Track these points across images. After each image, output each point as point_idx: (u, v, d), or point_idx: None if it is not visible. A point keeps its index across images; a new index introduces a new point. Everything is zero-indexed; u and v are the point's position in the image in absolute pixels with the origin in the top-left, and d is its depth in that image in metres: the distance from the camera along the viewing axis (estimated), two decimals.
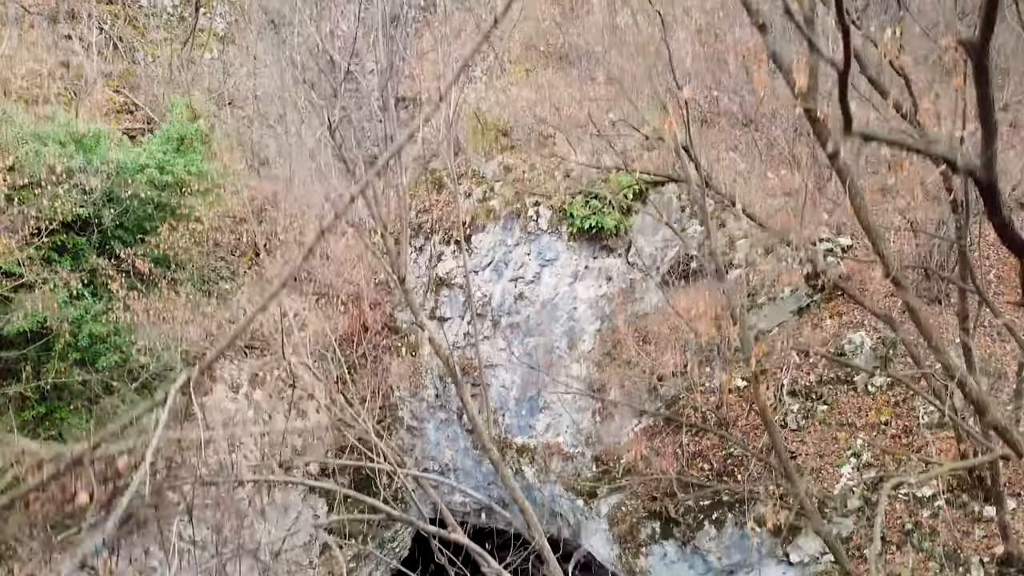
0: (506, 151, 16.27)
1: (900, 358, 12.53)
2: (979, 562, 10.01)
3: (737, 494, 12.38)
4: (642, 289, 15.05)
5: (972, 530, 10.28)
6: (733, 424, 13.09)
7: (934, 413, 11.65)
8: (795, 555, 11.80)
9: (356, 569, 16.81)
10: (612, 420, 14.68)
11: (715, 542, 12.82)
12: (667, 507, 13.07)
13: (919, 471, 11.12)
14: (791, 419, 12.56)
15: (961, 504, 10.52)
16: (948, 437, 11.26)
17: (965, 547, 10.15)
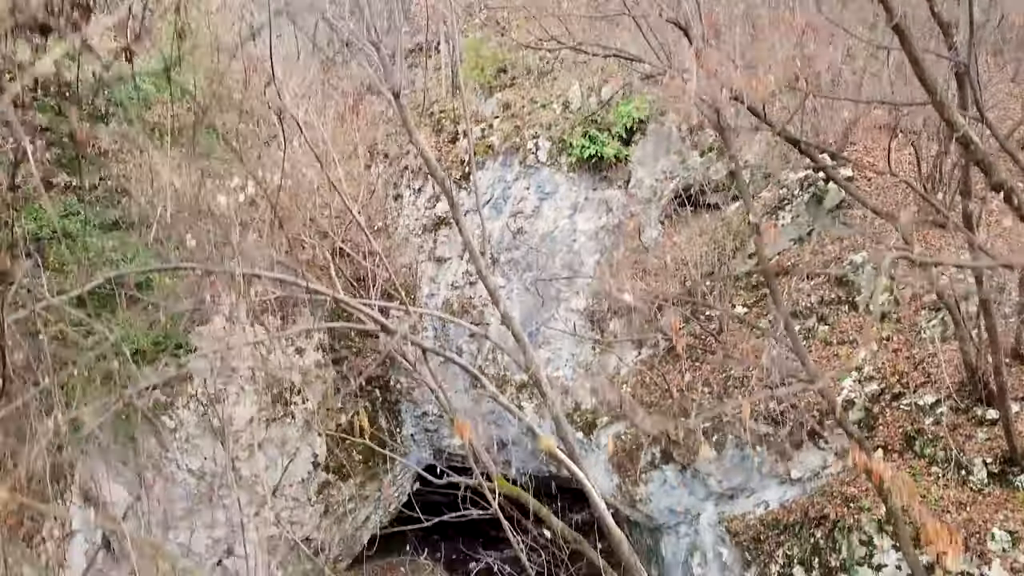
0: (505, 88, 16.18)
1: (902, 278, 12.45)
2: (982, 463, 9.92)
3: (738, 415, 12.30)
4: (642, 221, 14.97)
5: (975, 433, 10.19)
6: (734, 346, 13.01)
7: (937, 327, 11.57)
8: (796, 471, 11.73)
9: (354, 510, 16.73)
10: (611, 351, 14.60)
11: (716, 464, 12.74)
12: (667, 430, 12.98)
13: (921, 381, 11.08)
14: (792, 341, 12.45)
15: (964, 409, 10.43)
16: (951, 349, 11.18)
17: (968, 450, 10.07)
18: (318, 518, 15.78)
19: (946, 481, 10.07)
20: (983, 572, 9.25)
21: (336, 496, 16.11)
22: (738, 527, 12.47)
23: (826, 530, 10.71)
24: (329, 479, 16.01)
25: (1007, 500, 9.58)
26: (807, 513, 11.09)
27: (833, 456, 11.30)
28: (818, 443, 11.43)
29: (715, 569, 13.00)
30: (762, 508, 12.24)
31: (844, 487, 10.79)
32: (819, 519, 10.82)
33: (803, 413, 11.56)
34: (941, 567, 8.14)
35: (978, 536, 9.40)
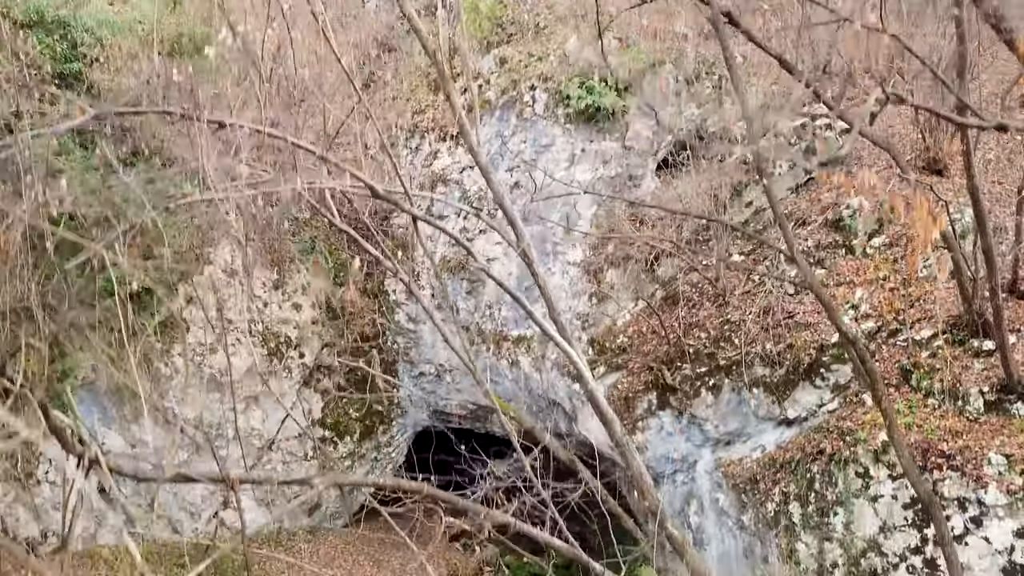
0: (503, 44, 16.16)
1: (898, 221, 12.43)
2: (978, 392, 9.91)
3: (735, 358, 12.29)
4: (639, 174, 14.96)
5: (971, 364, 10.18)
6: (731, 293, 12.99)
7: (933, 266, 11.55)
8: (792, 410, 11.71)
9: (351, 467, 16.71)
10: (609, 302, 14.58)
11: (712, 409, 12.72)
12: (664, 375, 12.97)
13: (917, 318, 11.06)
14: (788, 284, 12.45)
15: (960, 341, 10.42)
16: (947, 288, 11.17)
17: (964, 380, 10.05)
18: (315, 473, 15.73)
19: (943, 412, 10.05)
20: (979, 497, 9.24)
21: (333, 453, 16.09)
22: (735, 471, 12.45)
23: (822, 464, 10.68)
24: (326, 435, 15.99)
25: (1003, 427, 9.57)
26: (803, 449, 11.07)
27: (830, 393, 11.28)
28: (815, 381, 11.40)
29: (712, 516, 12.98)
30: (759, 452, 12.21)
31: (841, 422, 10.76)
32: (815, 454, 10.80)
33: (800, 352, 11.55)
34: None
35: (974, 462, 9.39)
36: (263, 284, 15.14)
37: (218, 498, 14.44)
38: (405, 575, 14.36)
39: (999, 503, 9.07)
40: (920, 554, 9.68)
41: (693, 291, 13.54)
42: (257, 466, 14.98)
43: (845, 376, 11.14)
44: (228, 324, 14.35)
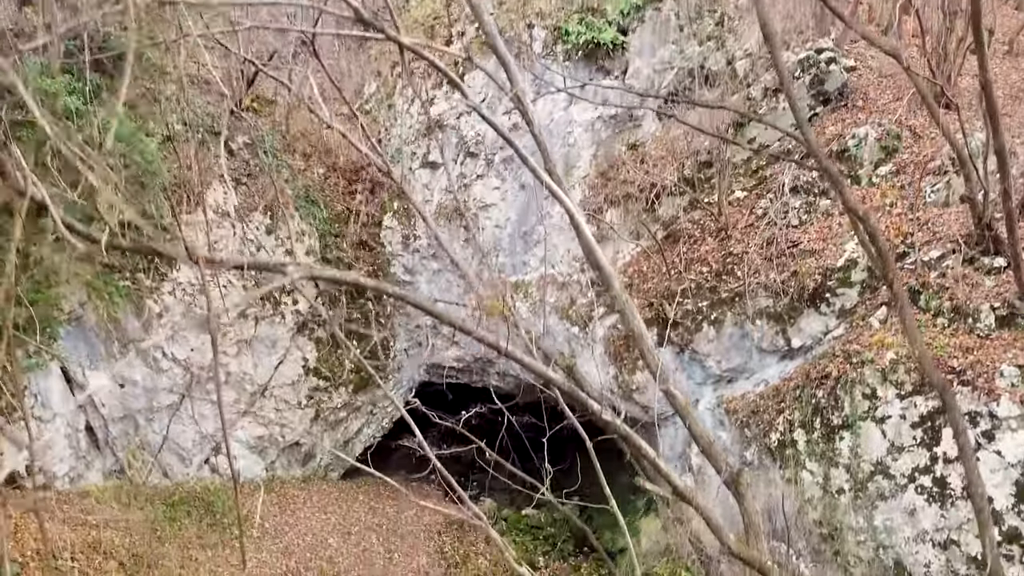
0: None
1: (905, 150, 12.15)
2: (989, 308, 9.61)
3: (737, 289, 11.98)
4: (640, 114, 14.65)
5: (982, 282, 9.87)
6: (733, 227, 12.68)
7: (941, 191, 11.26)
8: (797, 339, 11.41)
9: (346, 419, 16.40)
10: (609, 243, 14.27)
11: (714, 344, 12.42)
12: (665, 310, 12.67)
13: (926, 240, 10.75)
14: (792, 215, 12.15)
15: (970, 260, 10.11)
16: (957, 211, 10.88)
17: (974, 298, 9.75)
18: (308, 422, 15.44)
19: (952, 330, 9.75)
20: (991, 410, 8.95)
21: (327, 403, 15.77)
22: (737, 406, 12.16)
23: (828, 389, 10.39)
24: (320, 384, 15.66)
25: (1016, 340, 9.27)
26: (808, 375, 10.78)
27: (836, 319, 10.98)
28: (819, 307, 11.10)
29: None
30: (762, 387, 11.93)
31: (847, 346, 10.46)
32: (820, 379, 10.51)
33: (805, 278, 11.25)
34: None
35: (986, 376, 9.09)
36: (256, 227, 14.82)
37: (210, 443, 14.14)
38: (400, 523, 14.06)
39: (1012, 415, 8.77)
40: (929, 473, 9.39)
41: (695, 227, 13.24)
42: (249, 412, 14.69)
43: (851, 300, 10.85)
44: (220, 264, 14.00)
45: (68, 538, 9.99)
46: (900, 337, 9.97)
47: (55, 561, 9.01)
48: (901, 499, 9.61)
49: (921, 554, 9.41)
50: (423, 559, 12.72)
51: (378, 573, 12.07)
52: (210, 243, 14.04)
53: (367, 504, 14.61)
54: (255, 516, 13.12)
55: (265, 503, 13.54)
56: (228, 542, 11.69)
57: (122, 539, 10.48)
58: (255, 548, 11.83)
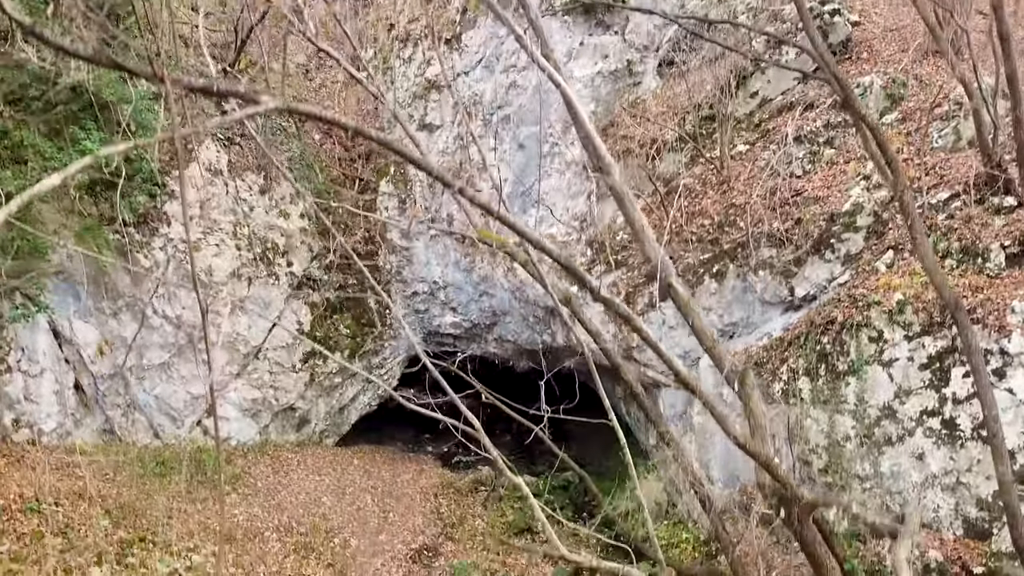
0: None
1: (911, 97, 11.89)
2: (999, 247, 9.35)
3: (740, 240, 11.73)
4: (640, 70, 14.39)
5: (991, 221, 9.62)
6: (736, 178, 12.42)
7: (949, 136, 11.00)
8: (801, 289, 11.15)
9: (340, 385, 16.13)
10: (607, 201, 14.01)
11: (716, 298, 12.17)
12: None
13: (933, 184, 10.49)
14: (796, 165, 11.89)
15: (979, 200, 9.85)
16: (965, 156, 10.62)
17: (983, 237, 9.49)
18: (303, 386, 15.18)
19: (961, 270, 9.50)
20: (1003, 347, 8.69)
21: (322, 368, 15.51)
22: (739, 359, 11.89)
23: (833, 334, 10.12)
24: (315, 349, 15.40)
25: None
26: (813, 322, 10.52)
27: (841, 266, 10.71)
28: (824, 255, 10.84)
29: None
30: (765, 340, 11.66)
31: (853, 290, 10.20)
32: (826, 324, 10.24)
33: (809, 225, 10.99)
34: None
35: (996, 313, 8.83)
36: (248, 188, 14.56)
37: (201, 405, 13.88)
38: (396, 486, 13.80)
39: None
40: (937, 415, 9.13)
41: (696, 182, 12.99)
42: (243, 374, 14.43)
43: (857, 245, 10.59)
44: (212, 224, 13.76)
45: (53, 485, 9.73)
46: (908, 279, 9.72)
47: (38, 504, 8.74)
48: (908, 443, 9.35)
49: (929, 498, 9.15)
50: (419, 519, 12.45)
51: (372, 531, 11.80)
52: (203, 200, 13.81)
53: (362, 468, 14.36)
54: (248, 476, 12.87)
55: (258, 464, 13.29)
56: (218, 498, 11.42)
57: (109, 490, 10.22)
58: (246, 504, 11.57)
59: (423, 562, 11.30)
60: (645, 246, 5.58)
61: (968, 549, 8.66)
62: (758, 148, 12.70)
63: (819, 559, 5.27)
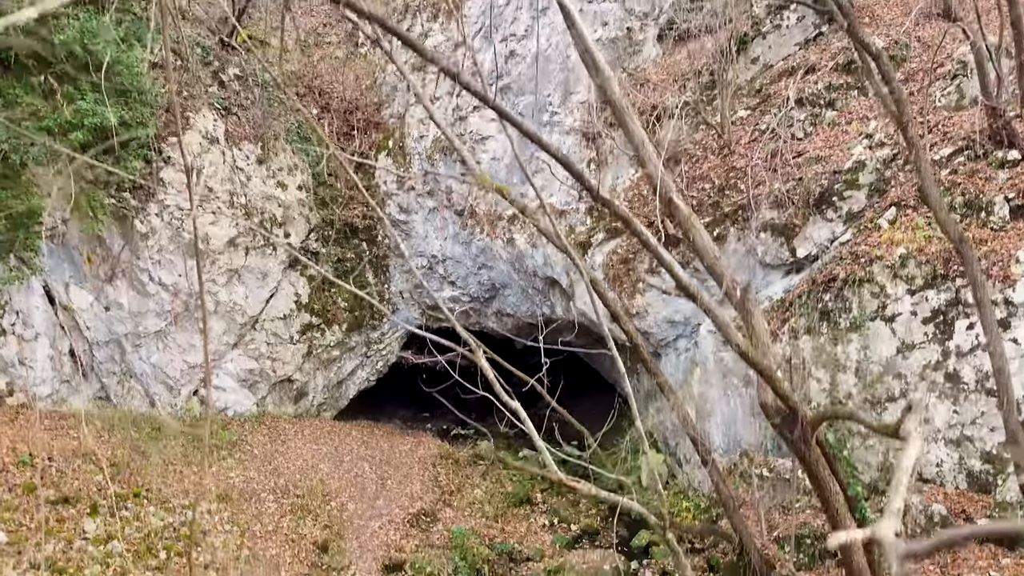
0: None
1: (913, 59, 11.78)
2: (1003, 200, 9.24)
3: (741, 202, 11.62)
4: (640, 39, 14.28)
5: (995, 175, 9.51)
6: (737, 142, 12.32)
7: (952, 94, 10.89)
8: (803, 249, 11.04)
9: (338, 358, 16.03)
10: (607, 168, 13.91)
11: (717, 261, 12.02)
12: (666, 226, 12.29)
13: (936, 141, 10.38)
14: (797, 128, 11.79)
15: (983, 155, 9.75)
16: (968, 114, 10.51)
17: (987, 191, 9.39)
18: (300, 358, 15.07)
19: (965, 224, 9.37)
20: (1007, 296, 8.59)
21: (320, 340, 15.40)
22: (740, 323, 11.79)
23: (835, 291, 10.02)
24: (313, 321, 15.30)
25: None
26: (814, 281, 10.41)
27: (843, 225, 10.61)
28: (825, 213, 10.74)
29: (716, 378, 12.32)
30: (766, 303, 11.54)
31: (855, 247, 10.10)
32: (828, 282, 10.14)
33: (811, 184, 10.88)
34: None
35: (1001, 264, 8.73)
36: (246, 157, 14.45)
37: (198, 374, 13.77)
38: (395, 455, 13.69)
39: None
40: (941, 369, 9.03)
41: (696, 147, 12.88)
42: (240, 344, 14.32)
43: (859, 203, 10.48)
44: (208, 192, 13.65)
45: (47, 443, 9.62)
46: (911, 233, 9.62)
47: (31, 459, 8.63)
48: (911, 399, 9.22)
49: (933, 453, 9.05)
50: (417, 486, 12.34)
51: (370, 496, 11.69)
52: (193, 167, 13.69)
53: (360, 439, 14.25)
54: (245, 443, 12.76)
55: (255, 433, 13.18)
56: (213, 462, 11.32)
57: (104, 449, 10.10)
58: (242, 468, 11.46)
59: (420, 526, 11.19)
60: (645, 163, 5.47)
61: (971, 502, 8.56)
62: (759, 113, 12.59)
63: (823, 482, 5.17)
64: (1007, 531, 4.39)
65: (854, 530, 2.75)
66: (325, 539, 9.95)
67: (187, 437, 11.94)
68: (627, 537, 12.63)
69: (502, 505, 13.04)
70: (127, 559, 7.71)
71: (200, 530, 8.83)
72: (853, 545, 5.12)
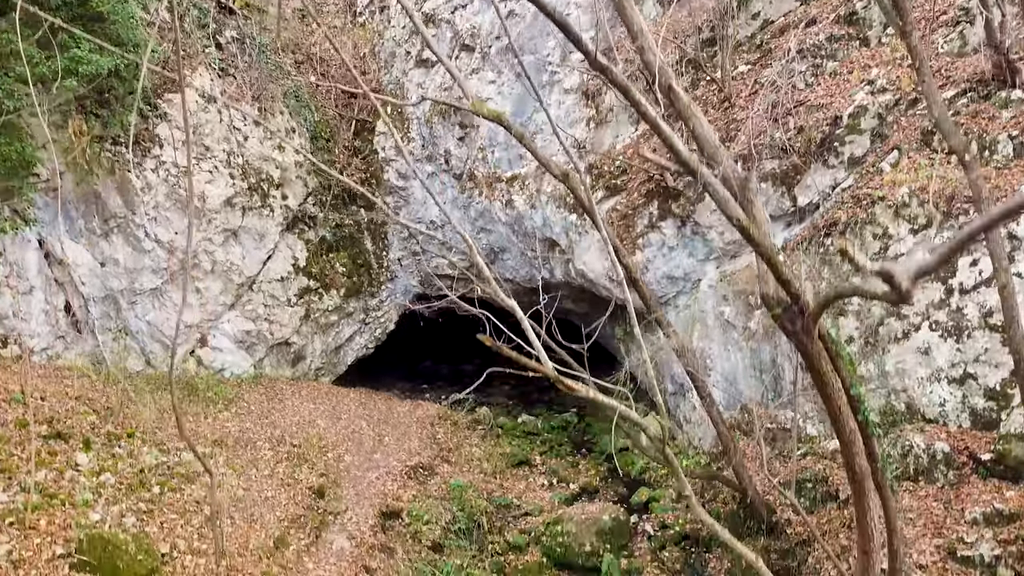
0: None
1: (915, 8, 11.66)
2: (1007, 138, 9.15)
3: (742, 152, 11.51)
4: None
5: (998, 115, 9.42)
6: (737, 95, 12.22)
7: (955, 41, 10.78)
8: (803, 197, 10.95)
9: (336, 324, 15.93)
10: (607, 127, 13.81)
11: (716, 215, 11.92)
12: (666, 179, 12.21)
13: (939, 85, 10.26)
14: (798, 79, 11.68)
15: (986, 96, 9.65)
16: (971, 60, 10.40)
17: (991, 131, 9.29)
18: (298, 321, 14.97)
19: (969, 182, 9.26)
20: (1011, 230, 8.49)
21: (317, 304, 15.30)
22: (741, 276, 11.73)
23: (837, 235, 9.93)
24: (310, 285, 15.20)
25: None
26: (816, 227, 10.32)
27: (844, 171, 10.50)
28: (827, 160, 10.64)
29: (717, 334, 12.23)
30: None
31: (857, 191, 10.00)
32: (829, 226, 10.05)
33: (812, 131, 10.78)
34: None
35: (1004, 199, 8.61)
36: (243, 118, 14.33)
37: (195, 333, 13.68)
38: (393, 415, 13.60)
39: None
40: (944, 307, 8.93)
41: (697, 103, 12.76)
42: (237, 304, 14.22)
43: (862, 148, 10.38)
44: (205, 150, 13.54)
45: (42, 388, 9.53)
46: (913, 173, 9.51)
47: (23, 396, 8.53)
48: (914, 339, 9.15)
49: (935, 393, 8.95)
50: (415, 443, 12.24)
51: (367, 450, 11.59)
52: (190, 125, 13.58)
53: (358, 401, 14.16)
54: (241, 400, 12.66)
55: (252, 392, 13.08)
56: (210, 413, 11.23)
57: (98, 396, 10.01)
58: (239, 420, 11.37)
59: (418, 479, 11.09)
60: (644, 52, 5.37)
61: (975, 439, 8.46)
62: (759, 67, 12.49)
63: (825, 377, 5.08)
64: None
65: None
66: (321, 485, 9.85)
67: (183, 390, 11.85)
68: (626, 495, 12.54)
69: (500, 464, 12.94)
70: (120, 490, 7.61)
71: (193, 471, 8.73)
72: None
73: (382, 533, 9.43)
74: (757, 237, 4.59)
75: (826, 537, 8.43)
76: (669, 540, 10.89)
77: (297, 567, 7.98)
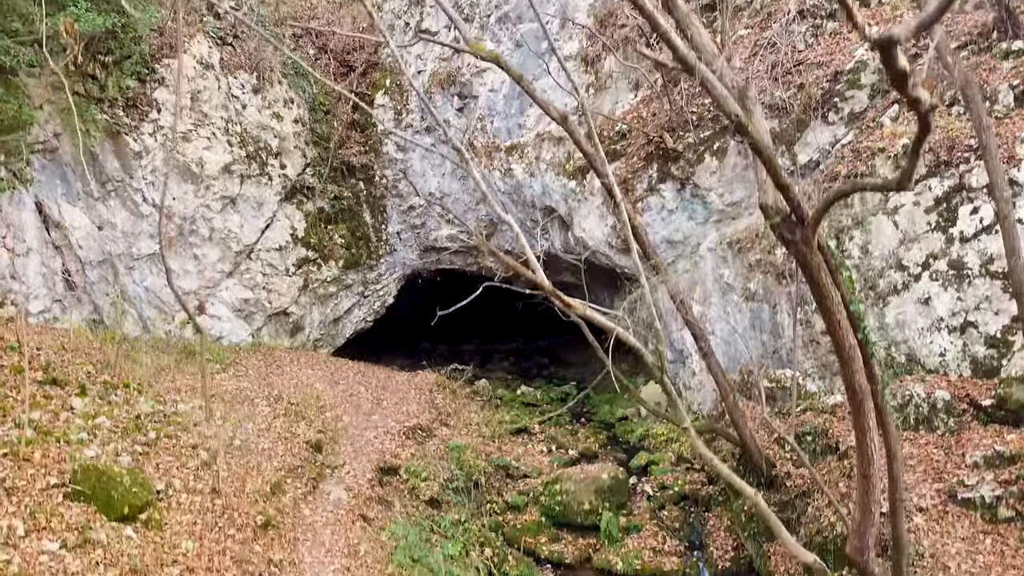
0: None
1: None
2: (1008, 88, 9.10)
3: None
4: None
5: (999, 65, 9.38)
6: (736, 57, 12.13)
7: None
8: (804, 154, 10.90)
9: (335, 295, 15.89)
10: (607, 92, 13.76)
11: (716, 176, 11.91)
12: (666, 140, 12.17)
13: None
14: (798, 39, 11.63)
15: (986, 48, 9.61)
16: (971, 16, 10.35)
17: (992, 81, 9.24)
18: (296, 291, 14.92)
19: (968, 115, 9.21)
20: (1012, 176, 8.44)
21: (316, 274, 15.26)
22: (740, 237, 11.68)
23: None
24: (309, 255, 15.15)
25: None
26: (816, 182, 10.26)
27: (844, 127, 10.46)
28: (827, 116, 10.59)
29: (716, 298, 12.18)
30: None
31: (857, 146, 9.95)
32: (829, 181, 9.98)
33: (812, 88, 10.73)
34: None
35: (1005, 147, 8.59)
36: (241, 86, 14.29)
37: (193, 301, 13.62)
38: (392, 382, 13.56)
39: None
40: (945, 256, 8.89)
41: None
42: (235, 273, 14.17)
43: (861, 103, 10.34)
44: (203, 117, 13.49)
45: (38, 340, 9.49)
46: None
47: (19, 345, 8.48)
48: (915, 289, 9.10)
49: (936, 343, 8.90)
50: (413, 407, 12.20)
51: (365, 412, 11.55)
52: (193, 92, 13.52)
53: (356, 369, 14.13)
54: (240, 365, 12.62)
55: (251, 358, 13.04)
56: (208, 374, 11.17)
57: (95, 352, 9.97)
58: (236, 381, 11.33)
59: (416, 439, 11.05)
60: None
61: (976, 387, 8.42)
62: (759, 30, 12.43)
63: (824, 289, 5.04)
64: None
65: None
66: (319, 440, 9.81)
67: (181, 353, 11.81)
68: (625, 460, 12.49)
69: (499, 430, 12.90)
70: (115, 433, 7.56)
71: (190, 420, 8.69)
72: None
73: (380, 487, 9.38)
74: (755, 135, 4.55)
75: (827, 486, 8.38)
76: (668, 500, 10.84)
77: (294, 512, 7.93)
